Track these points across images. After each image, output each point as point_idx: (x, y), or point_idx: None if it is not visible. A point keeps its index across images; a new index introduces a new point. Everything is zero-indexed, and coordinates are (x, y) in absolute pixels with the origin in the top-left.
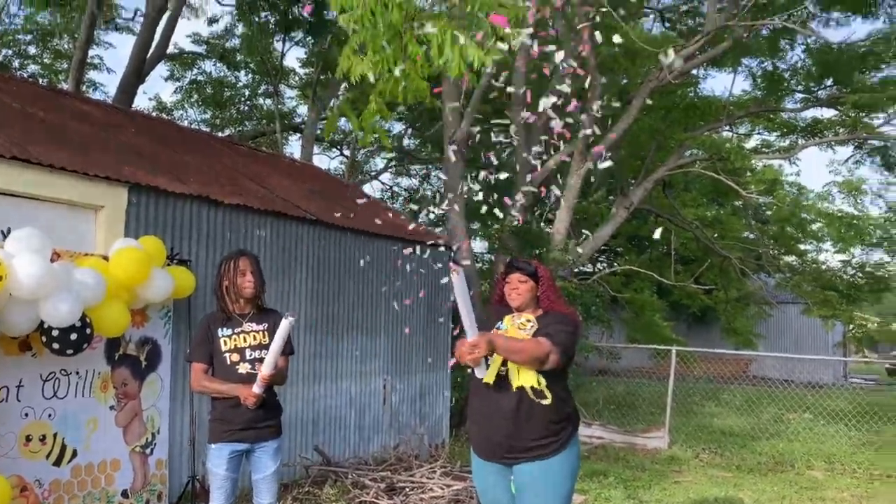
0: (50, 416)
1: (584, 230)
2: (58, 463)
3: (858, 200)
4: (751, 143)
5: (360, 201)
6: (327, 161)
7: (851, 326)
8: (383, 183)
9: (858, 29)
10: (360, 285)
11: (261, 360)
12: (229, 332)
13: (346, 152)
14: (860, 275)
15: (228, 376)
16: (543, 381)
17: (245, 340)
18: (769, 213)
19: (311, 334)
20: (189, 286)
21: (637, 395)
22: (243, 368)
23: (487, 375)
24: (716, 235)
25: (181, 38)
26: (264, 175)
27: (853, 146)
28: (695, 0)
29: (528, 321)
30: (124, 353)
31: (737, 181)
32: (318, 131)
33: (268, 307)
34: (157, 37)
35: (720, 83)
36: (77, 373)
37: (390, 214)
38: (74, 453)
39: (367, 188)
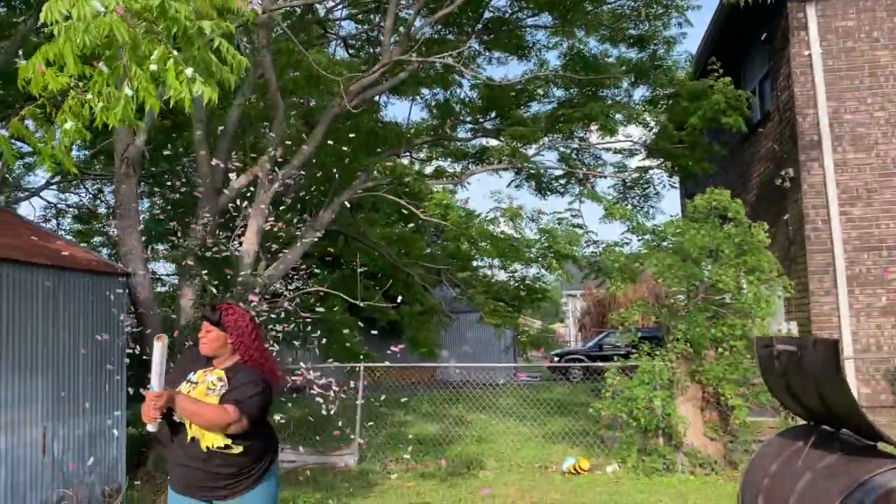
0: None
1: (274, 252)
2: None
3: (517, 224)
4: (429, 169)
5: None
6: None
7: (518, 332)
8: (47, 201)
9: (515, 69)
10: (11, 323)
11: None
12: None
13: None
14: (521, 287)
15: None
16: (229, 440)
17: None
18: (446, 232)
19: None
20: None
21: (329, 413)
22: None
23: (191, 432)
24: (403, 252)
25: None
26: None
27: (514, 172)
28: (375, 31)
29: (220, 380)
30: None
31: (416, 204)
32: None
33: None
34: None
35: (402, 110)
36: None
37: (56, 243)
38: None
39: (24, 206)
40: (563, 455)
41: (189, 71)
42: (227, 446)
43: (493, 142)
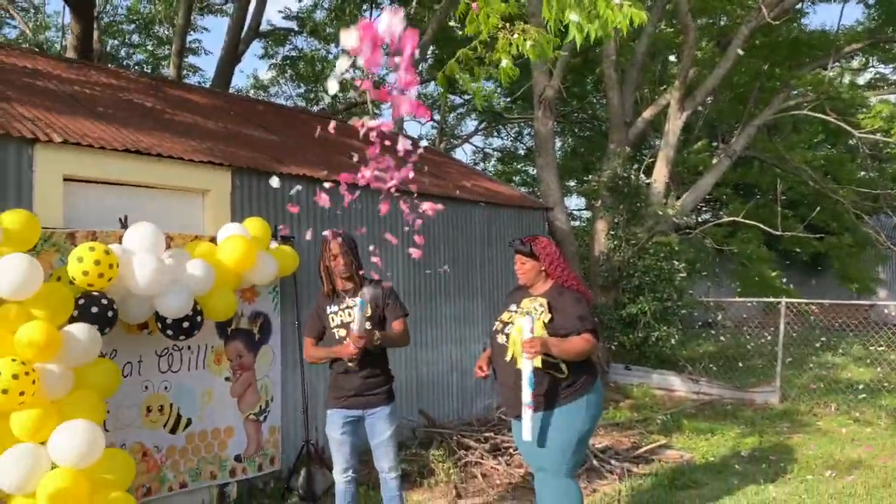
0: (166, 388)
1: (684, 182)
2: (174, 431)
3: None
4: (863, 79)
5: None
6: (417, 127)
7: None
8: (475, 146)
9: None
10: (456, 252)
11: (368, 330)
12: (335, 308)
13: (437, 117)
14: None
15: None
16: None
17: (350, 315)
18: (887, 151)
19: (410, 301)
20: (292, 265)
21: (746, 348)
22: None
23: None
24: (829, 177)
25: (273, 14)
26: (357, 148)
27: None
28: None
29: (541, 305)
30: (237, 327)
31: (848, 120)
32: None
33: (371, 278)
34: (248, 16)
35: (828, 15)
36: (189, 348)
37: (487, 183)
38: (189, 422)
39: (458, 151)
40: None
41: None
42: (554, 365)
43: None
